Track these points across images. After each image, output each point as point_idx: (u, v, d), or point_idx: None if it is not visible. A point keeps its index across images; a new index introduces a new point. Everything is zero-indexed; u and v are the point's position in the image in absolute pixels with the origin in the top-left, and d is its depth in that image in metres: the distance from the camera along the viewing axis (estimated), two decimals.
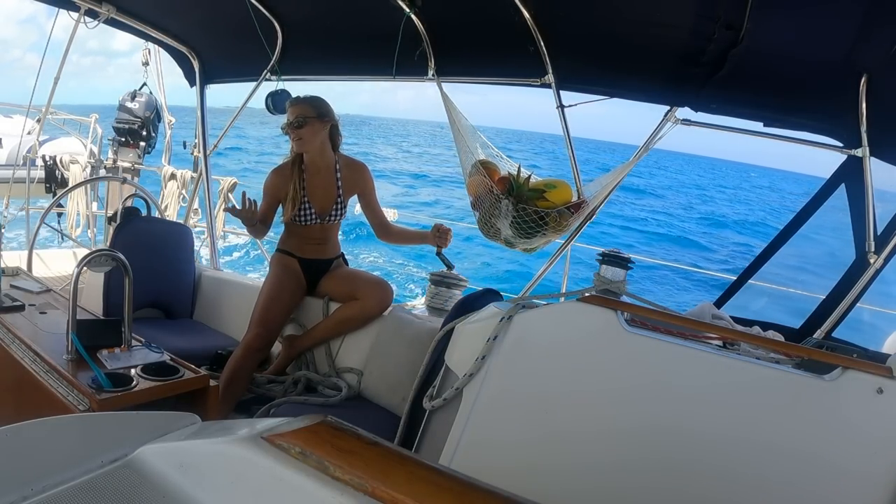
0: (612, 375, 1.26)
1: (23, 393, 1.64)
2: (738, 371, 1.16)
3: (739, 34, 1.80)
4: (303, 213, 2.49)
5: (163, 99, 5.00)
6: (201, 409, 1.66)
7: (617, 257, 1.65)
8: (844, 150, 1.99)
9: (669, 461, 1.17)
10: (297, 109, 2.41)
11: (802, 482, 1.08)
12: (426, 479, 0.55)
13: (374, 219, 2.70)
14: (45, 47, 4.21)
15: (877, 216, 1.94)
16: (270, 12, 2.81)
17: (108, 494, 0.62)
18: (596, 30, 2.29)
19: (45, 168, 4.89)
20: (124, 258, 1.71)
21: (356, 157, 2.70)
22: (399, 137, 58.80)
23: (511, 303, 1.44)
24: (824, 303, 2.04)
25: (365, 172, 2.64)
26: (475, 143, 2.47)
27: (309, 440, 0.59)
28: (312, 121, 2.40)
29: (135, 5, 2.96)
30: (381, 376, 2.32)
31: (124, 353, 1.69)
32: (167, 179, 4.62)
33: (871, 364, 1.09)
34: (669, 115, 2.30)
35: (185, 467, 0.63)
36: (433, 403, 1.46)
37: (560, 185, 2.29)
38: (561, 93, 2.47)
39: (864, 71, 1.79)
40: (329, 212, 2.53)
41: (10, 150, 5.53)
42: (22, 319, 1.88)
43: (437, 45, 2.64)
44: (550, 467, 1.26)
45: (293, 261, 2.58)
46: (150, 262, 2.73)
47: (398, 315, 2.44)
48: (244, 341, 2.38)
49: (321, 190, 2.51)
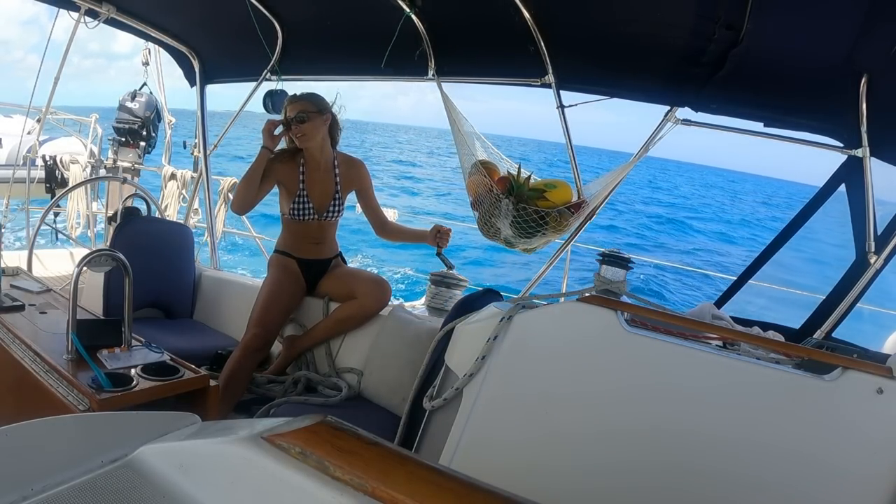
0: (611, 375, 1.26)
1: (23, 393, 1.64)
2: (738, 371, 1.16)
3: (740, 34, 1.80)
4: (301, 208, 2.49)
5: (163, 99, 5.00)
6: (201, 409, 1.65)
7: (617, 257, 1.65)
8: (844, 150, 1.99)
9: (669, 461, 1.17)
10: (297, 106, 2.42)
11: (802, 482, 1.08)
12: (426, 479, 0.55)
13: (372, 216, 2.71)
14: (46, 47, 4.22)
15: (877, 216, 1.94)
16: (270, 12, 2.82)
17: (108, 494, 0.62)
18: (596, 30, 2.28)
19: (45, 168, 4.90)
20: (124, 258, 1.71)
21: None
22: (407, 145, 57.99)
23: (511, 303, 1.44)
24: (824, 303, 2.04)
25: (362, 169, 2.65)
26: (475, 142, 2.47)
27: (309, 440, 0.59)
28: (314, 115, 2.41)
29: (135, 5, 2.96)
30: (381, 376, 2.32)
31: (124, 353, 1.69)
32: (167, 179, 4.62)
33: (871, 364, 1.09)
34: (669, 116, 2.30)
35: (185, 467, 0.63)
36: (433, 403, 1.46)
37: (560, 185, 2.29)
38: (561, 93, 2.47)
39: (864, 71, 1.79)
40: (327, 208, 2.53)
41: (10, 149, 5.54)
42: (22, 319, 1.88)
43: (437, 45, 2.64)
44: (550, 467, 1.26)
45: (291, 261, 2.58)
46: (150, 262, 2.73)
47: (398, 315, 2.44)
48: (243, 342, 2.38)
49: (319, 185, 2.52)
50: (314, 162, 2.50)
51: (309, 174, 2.50)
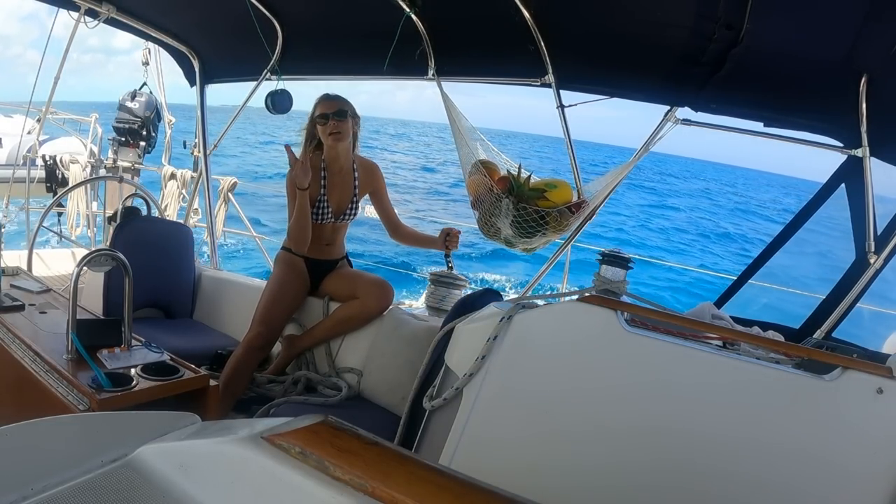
0: (611, 375, 1.26)
1: (23, 393, 1.64)
2: (738, 371, 1.16)
3: (739, 34, 1.80)
4: (320, 211, 2.48)
5: (163, 98, 5.00)
6: (201, 408, 1.66)
7: (617, 257, 1.65)
8: (844, 150, 1.99)
9: (669, 461, 1.17)
10: (335, 103, 2.41)
11: (802, 482, 1.08)
12: (426, 479, 0.55)
13: (386, 218, 2.71)
14: (45, 46, 4.22)
15: (877, 216, 1.94)
16: (270, 12, 2.81)
17: (108, 494, 0.62)
18: (596, 29, 2.28)
19: (45, 168, 4.89)
20: (124, 258, 1.71)
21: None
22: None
23: (511, 303, 1.44)
24: (824, 303, 2.04)
25: (377, 172, 2.65)
26: (475, 142, 2.47)
27: (309, 440, 0.59)
28: (349, 117, 2.42)
29: (135, 5, 2.96)
30: (381, 376, 2.32)
31: (124, 353, 1.69)
32: (167, 179, 4.62)
33: (871, 364, 1.09)
34: (669, 115, 2.30)
35: (185, 467, 0.63)
36: (433, 403, 1.46)
37: (560, 185, 2.29)
38: (561, 92, 2.47)
39: (864, 71, 1.79)
40: (344, 210, 2.54)
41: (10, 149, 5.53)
42: (22, 319, 1.88)
43: (437, 44, 2.64)
44: (550, 467, 1.26)
45: (299, 260, 2.57)
46: (150, 262, 2.73)
47: (398, 315, 2.44)
48: (245, 339, 2.38)
49: (339, 189, 2.52)
50: (336, 165, 2.49)
51: (330, 178, 2.49)
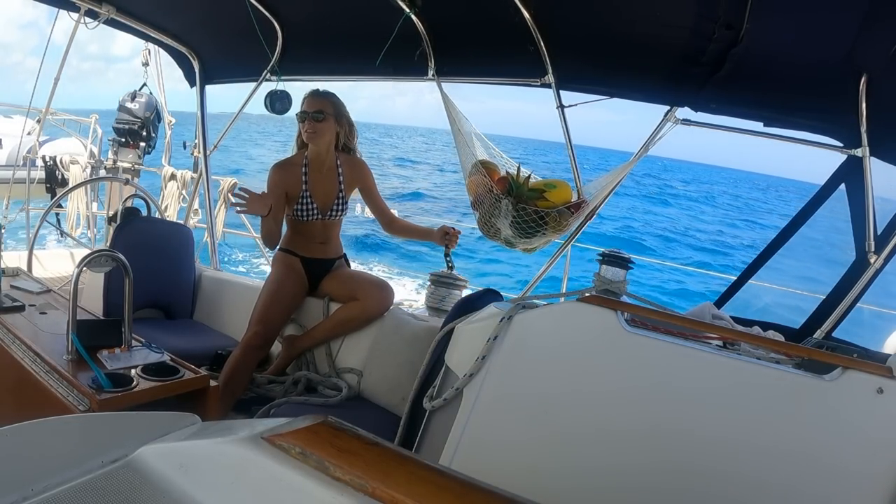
0: (612, 376, 1.26)
1: (23, 393, 1.64)
2: (738, 371, 1.16)
3: (739, 34, 1.80)
4: (304, 209, 2.49)
5: (163, 99, 5.01)
6: (201, 409, 1.66)
7: (617, 257, 1.65)
8: (844, 150, 1.99)
9: (669, 461, 1.17)
10: (317, 103, 2.43)
11: (802, 482, 1.08)
12: (426, 479, 0.55)
13: (378, 213, 2.72)
14: (45, 48, 4.22)
15: (877, 216, 1.94)
16: (270, 12, 2.81)
17: (109, 495, 0.62)
18: (596, 30, 2.29)
19: (45, 168, 4.90)
20: (124, 258, 1.71)
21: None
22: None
23: (511, 303, 1.44)
24: (824, 303, 2.04)
25: (364, 167, 2.65)
26: (475, 142, 2.48)
27: (309, 440, 0.59)
28: (330, 118, 2.43)
29: (135, 5, 2.96)
30: (381, 376, 2.32)
31: (124, 354, 1.69)
32: (167, 180, 4.62)
33: (871, 364, 1.09)
34: (669, 115, 2.30)
35: (185, 467, 0.63)
36: (433, 403, 1.46)
37: (560, 185, 2.29)
38: (561, 93, 2.47)
39: (864, 71, 1.79)
40: (331, 207, 2.54)
41: (11, 150, 5.55)
42: (22, 320, 1.88)
43: (437, 45, 2.64)
44: (550, 467, 1.26)
45: (296, 260, 2.58)
46: (150, 263, 2.72)
47: (398, 315, 2.44)
48: (243, 340, 2.38)
49: (322, 185, 2.52)
50: (318, 162, 2.50)
51: (312, 175, 2.50)
